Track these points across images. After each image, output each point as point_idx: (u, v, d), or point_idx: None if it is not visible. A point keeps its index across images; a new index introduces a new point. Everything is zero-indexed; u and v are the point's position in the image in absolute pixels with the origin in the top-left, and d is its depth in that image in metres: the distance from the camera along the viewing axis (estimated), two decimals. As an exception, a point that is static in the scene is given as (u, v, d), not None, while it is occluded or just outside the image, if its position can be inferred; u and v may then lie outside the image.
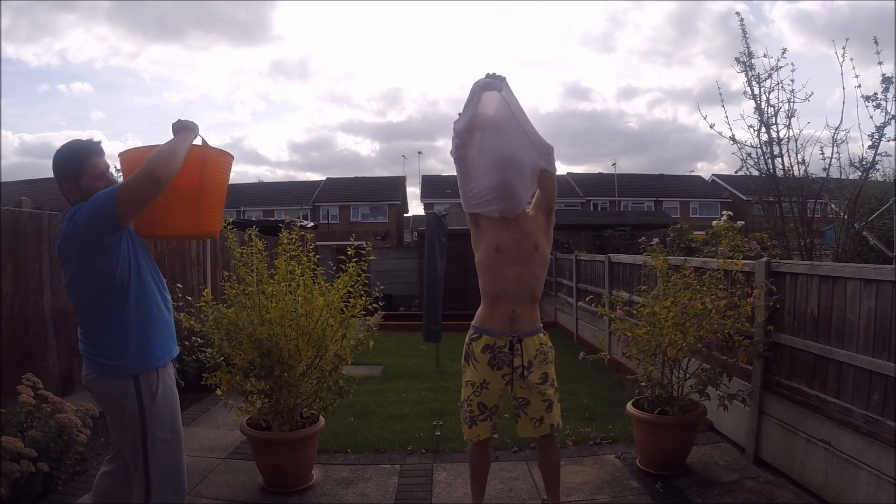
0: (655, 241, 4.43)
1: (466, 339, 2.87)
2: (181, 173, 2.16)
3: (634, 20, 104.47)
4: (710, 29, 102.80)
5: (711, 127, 5.32)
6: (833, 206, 5.66)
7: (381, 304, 4.00)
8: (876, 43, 4.47)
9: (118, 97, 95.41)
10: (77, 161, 2.19)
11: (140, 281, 2.22)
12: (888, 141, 4.63)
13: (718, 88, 5.46)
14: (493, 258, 2.77)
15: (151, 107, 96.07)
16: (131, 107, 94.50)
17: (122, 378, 2.18)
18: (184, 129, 2.23)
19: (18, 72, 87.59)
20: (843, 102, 4.64)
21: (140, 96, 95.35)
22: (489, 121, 2.73)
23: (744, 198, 29.03)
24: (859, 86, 4.59)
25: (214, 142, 2.46)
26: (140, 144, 2.66)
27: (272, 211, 35.92)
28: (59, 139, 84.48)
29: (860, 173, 4.87)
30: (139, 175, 2.05)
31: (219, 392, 3.70)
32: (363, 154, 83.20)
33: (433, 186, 37.84)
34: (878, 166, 4.92)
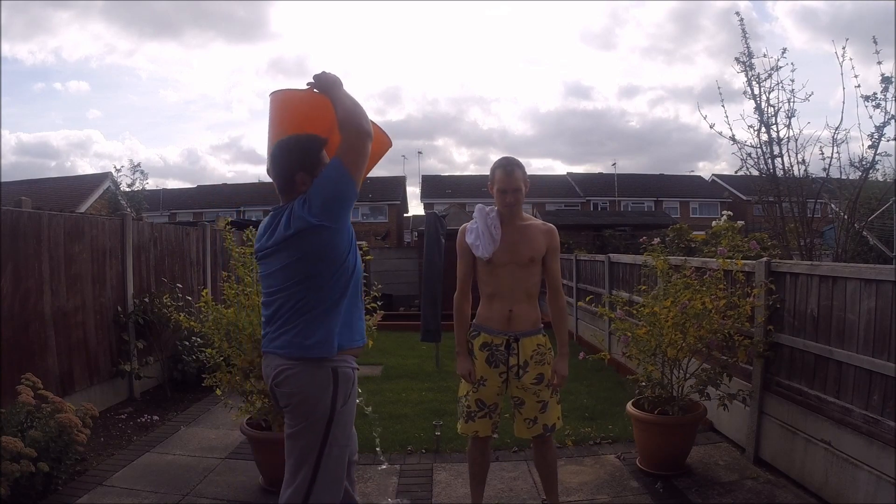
0: (656, 241, 4.43)
1: (467, 336, 2.88)
2: (320, 121, 2.21)
3: (635, 17, 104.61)
4: (713, 26, 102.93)
5: (711, 127, 5.32)
6: (833, 206, 5.65)
7: (380, 303, 3.99)
8: (875, 42, 4.46)
9: (115, 96, 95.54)
10: (315, 152, 2.19)
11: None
12: (888, 141, 4.62)
13: (718, 88, 5.46)
14: (484, 263, 2.81)
15: (150, 106, 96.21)
16: (129, 105, 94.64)
17: (322, 367, 2.14)
18: (333, 84, 2.21)
19: (14, 70, 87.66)
20: (844, 102, 4.64)
21: (137, 95, 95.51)
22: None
23: (744, 198, 29.03)
24: (859, 86, 4.59)
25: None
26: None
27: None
28: (56, 138, 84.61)
29: (860, 173, 4.86)
30: (350, 142, 2.07)
31: (219, 392, 3.70)
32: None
33: (433, 186, 37.84)
34: (877, 166, 4.92)
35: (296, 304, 2.12)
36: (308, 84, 2.26)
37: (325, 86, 2.21)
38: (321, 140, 2.22)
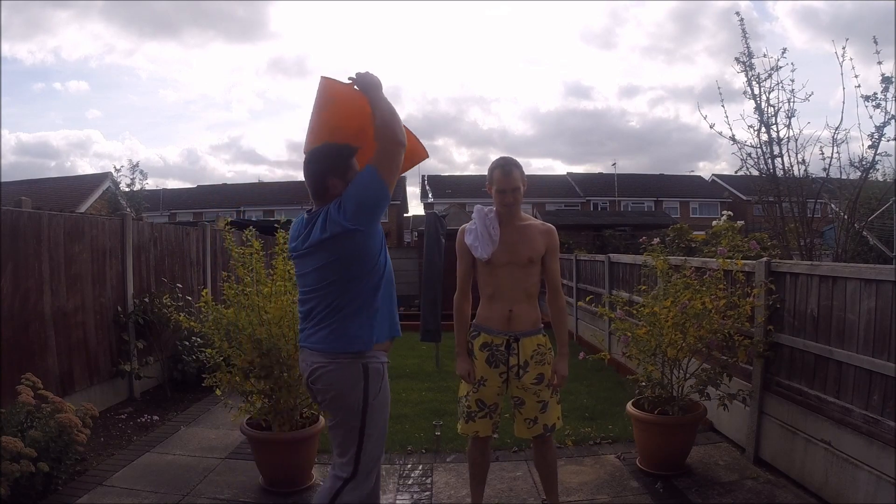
0: (656, 240, 4.43)
1: (467, 336, 2.88)
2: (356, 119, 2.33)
3: (636, 16, 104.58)
4: (714, 25, 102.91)
5: (711, 127, 5.32)
6: (833, 206, 5.65)
7: None
8: (875, 42, 4.46)
9: (115, 96, 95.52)
10: (346, 158, 2.30)
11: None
12: (888, 141, 4.62)
13: (718, 88, 5.46)
14: (484, 263, 2.81)
15: (149, 106, 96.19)
16: (128, 105, 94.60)
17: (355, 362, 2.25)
18: (375, 86, 2.30)
19: (13, 70, 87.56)
20: (844, 102, 4.64)
21: (137, 95, 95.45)
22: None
23: (744, 198, 29.03)
24: (859, 86, 4.59)
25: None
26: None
27: (272, 211, 35.87)
28: (56, 138, 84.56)
29: (860, 173, 4.86)
30: (385, 150, 2.19)
31: (219, 392, 3.70)
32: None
33: (433, 186, 37.83)
34: (878, 166, 4.92)
35: (331, 303, 2.24)
36: (350, 79, 2.36)
37: (367, 86, 2.31)
38: (352, 148, 2.33)
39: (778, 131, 5.05)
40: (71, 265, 4.80)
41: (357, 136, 2.38)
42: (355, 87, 2.35)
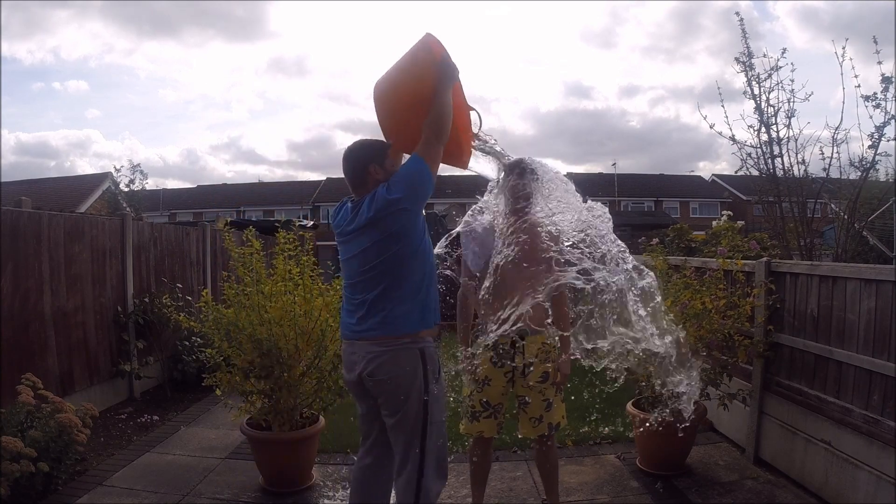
0: (655, 241, 4.43)
1: (470, 334, 2.89)
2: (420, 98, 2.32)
3: (636, 16, 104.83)
4: (714, 24, 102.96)
5: (711, 127, 5.30)
6: (833, 206, 5.65)
7: None
8: (875, 42, 4.46)
9: (114, 95, 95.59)
10: (382, 150, 2.39)
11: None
12: (888, 141, 4.62)
13: (718, 88, 5.45)
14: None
15: (149, 105, 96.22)
16: (128, 105, 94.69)
17: (411, 349, 2.29)
18: (450, 78, 2.32)
19: (12, 70, 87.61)
20: (844, 102, 4.63)
21: (136, 94, 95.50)
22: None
23: (744, 198, 29.00)
24: (859, 86, 4.59)
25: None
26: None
27: (272, 211, 35.91)
28: (55, 138, 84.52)
29: (860, 173, 4.86)
30: (431, 143, 2.26)
31: (219, 392, 3.70)
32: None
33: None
34: (878, 166, 4.92)
35: (380, 287, 2.27)
36: (434, 63, 2.32)
37: (444, 75, 2.31)
38: (387, 144, 2.43)
39: (778, 131, 5.04)
40: (71, 265, 4.80)
41: (415, 105, 2.34)
42: (434, 66, 2.31)
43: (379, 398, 2.34)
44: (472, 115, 2.61)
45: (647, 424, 3.38)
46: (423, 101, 2.29)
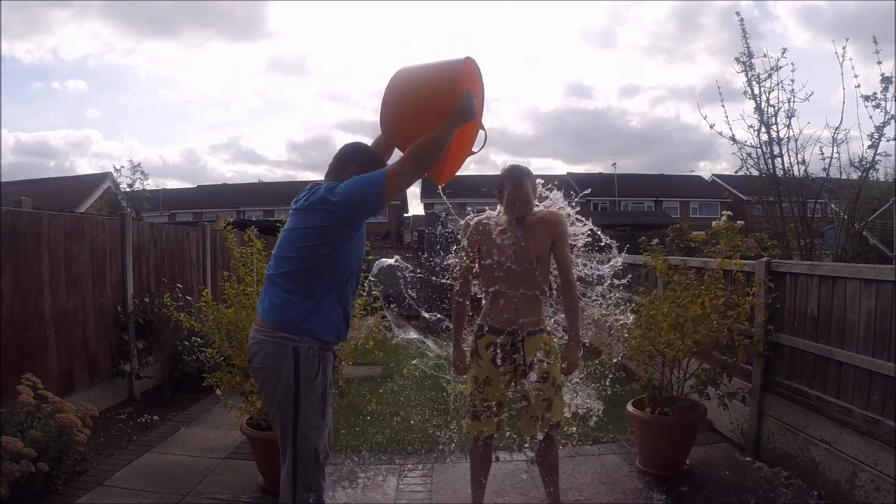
0: (655, 241, 4.43)
1: (472, 336, 2.89)
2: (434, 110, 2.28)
3: (636, 15, 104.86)
4: (714, 24, 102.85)
5: (711, 127, 5.31)
6: (833, 206, 5.65)
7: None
8: (875, 42, 4.46)
9: (114, 95, 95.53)
10: (372, 162, 2.37)
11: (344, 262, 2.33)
12: (888, 141, 4.62)
13: (718, 88, 5.46)
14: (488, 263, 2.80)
15: (149, 105, 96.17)
16: (128, 105, 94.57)
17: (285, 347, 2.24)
18: (463, 117, 2.26)
19: (12, 70, 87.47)
20: (844, 102, 4.64)
21: (136, 94, 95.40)
22: None
23: (744, 198, 28.98)
24: (859, 86, 4.59)
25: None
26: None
27: (272, 211, 35.86)
28: (55, 138, 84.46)
29: (860, 173, 4.86)
30: (406, 166, 2.20)
31: (219, 392, 3.70)
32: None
33: (433, 186, 37.76)
34: (878, 166, 4.92)
35: (283, 273, 2.26)
36: (461, 91, 2.26)
37: (458, 113, 2.24)
38: (381, 160, 2.44)
39: (778, 131, 5.05)
40: (71, 265, 4.80)
41: (429, 114, 2.28)
42: (461, 98, 2.24)
43: (259, 388, 2.39)
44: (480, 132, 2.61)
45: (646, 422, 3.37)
46: (433, 116, 2.23)
